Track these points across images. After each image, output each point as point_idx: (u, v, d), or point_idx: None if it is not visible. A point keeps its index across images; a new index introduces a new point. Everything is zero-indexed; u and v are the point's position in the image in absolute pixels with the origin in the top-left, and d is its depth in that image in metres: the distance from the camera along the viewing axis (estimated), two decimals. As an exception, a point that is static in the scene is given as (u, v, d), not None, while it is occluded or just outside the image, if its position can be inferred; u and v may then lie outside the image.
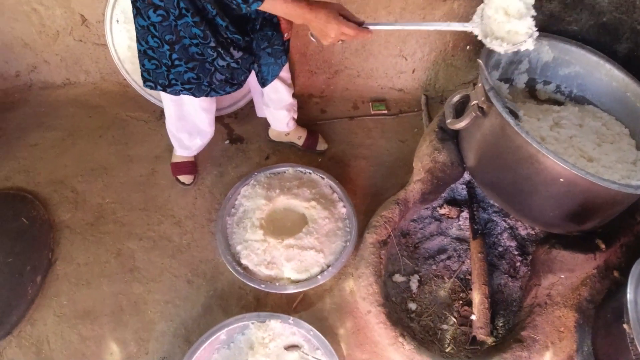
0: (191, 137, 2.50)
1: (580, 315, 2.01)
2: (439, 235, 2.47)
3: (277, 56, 2.14)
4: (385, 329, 2.04)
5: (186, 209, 2.61)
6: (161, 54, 1.90)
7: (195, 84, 2.02)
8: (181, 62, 1.92)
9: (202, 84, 2.03)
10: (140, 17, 1.79)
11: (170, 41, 1.84)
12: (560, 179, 1.74)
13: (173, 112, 2.31)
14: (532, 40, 1.63)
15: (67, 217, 2.56)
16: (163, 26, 1.79)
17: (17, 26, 2.90)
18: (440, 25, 1.78)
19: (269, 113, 2.65)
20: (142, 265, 2.40)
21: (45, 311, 2.26)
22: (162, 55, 1.90)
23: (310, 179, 2.59)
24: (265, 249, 2.30)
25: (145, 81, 2.03)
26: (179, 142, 2.54)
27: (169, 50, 1.87)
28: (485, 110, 1.90)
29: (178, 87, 2.02)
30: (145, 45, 1.89)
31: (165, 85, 2.02)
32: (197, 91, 2.06)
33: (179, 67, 1.94)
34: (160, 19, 1.77)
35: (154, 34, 1.83)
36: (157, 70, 1.97)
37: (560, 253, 2.02)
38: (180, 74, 1.97)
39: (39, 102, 3.13)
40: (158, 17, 1.76)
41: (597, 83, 2.25)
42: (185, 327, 2.22)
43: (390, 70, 3.03)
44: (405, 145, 2.92)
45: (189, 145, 2.55)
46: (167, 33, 1.81)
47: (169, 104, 2.27)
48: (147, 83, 2.04)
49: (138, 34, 1.86)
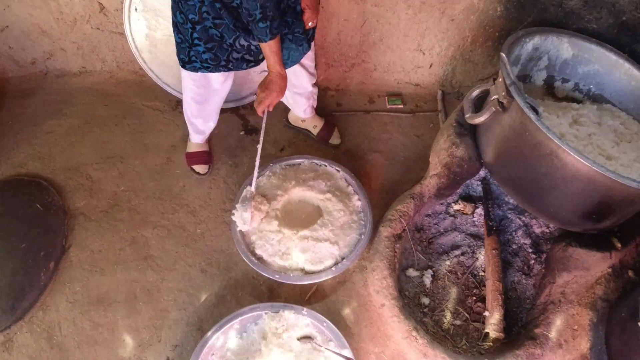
0: (205, 121, 2.52)
1: (595, 314, 2.00)
2: (453, 231, 2.46)
3: (298, 43, 2.16)
4: (398, 322, 2.04)
5: (201, 198, 2.61)
6: (185, 30, 1.98)
7: (213, 65, 2.10)
8: (200, 42, 2.00)
9: (220, 64, 2.10)
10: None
11: (192, 20, 1.92)
12: (579, 176, 1.73)
13: (196, 95, 2.33)
14: None
15: (81, 204, 2.57)
16: (188, 5, 1.87)
17: (35, 13, 2.91)
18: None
19: (289, 96, 2.65)
20: (156, 254, 2.41)
21: (57, 297, 2.27)
22: (185, 31, 1.99)
23: (325, 171, 2.59)
24: (280, 240, 2.30)
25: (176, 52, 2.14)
26: (194, 127, 2.56)
27: (191, 29, 1.95)
28: (505, 105, 1.89)
29: (197, 64, 2.10)
30: (174, 19, 1.99)
31: (185, 61, 2.10)
32: (215, 69, 2.13)
33: (198, 47, 2.02)
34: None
35: (181, 10, 1.92)
36: (181, 45, 2.06)
37: (577, 251, 2.01)
38: (199, 53, 2.05)
39: (55, 90, 3.14)
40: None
41: (615, 82, 2.24)
42: (198, 316, 2.23)
43: (408, 64, 3.02)
44: (420, 140, 2.91)
45: (203, 129, 2.57)
46: (191, 12, 1.89)
47: (191, 87, 2.29)
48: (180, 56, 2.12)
49: (172, 6, 1.97)
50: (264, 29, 1.81)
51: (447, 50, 2.89)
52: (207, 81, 2.25)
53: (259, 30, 1.81)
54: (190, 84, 2.26)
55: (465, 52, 2.88)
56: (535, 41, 2.19)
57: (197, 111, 2.44)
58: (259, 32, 1.83)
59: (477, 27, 2.71)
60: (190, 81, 2.25)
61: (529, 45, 2.18)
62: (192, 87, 2.28)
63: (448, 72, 3.03)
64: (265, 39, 1.86)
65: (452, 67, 2.98)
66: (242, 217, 2.24)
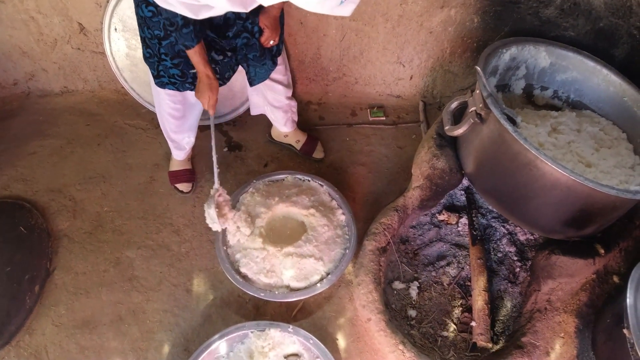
0: (187, 136, 2.52)
1: (581, 321, 2.01)
2: (439, 242, 2.46)
3: (259, 61, 2.20)
4: (385, 336, 2.03)
5: (185, 217, 2.60)
6: (152, 45, 2.01)
7: (180, 81, 2.12)
8: (167, 57, 2.03)
9: (187, 80, 2.12)
10: (139, 8, 1.90)
11: (158, 36, 1.95)
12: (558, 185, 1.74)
13: (173, 110, 2.33)
14: None
15: (65, 226, 2.55)
16: (153, 22, 1.90)
17: (15, 34, 2.90)
18: None
19: (269, 110, 2.67)
20: (141, 274, 2.40)
21: (43, 321, 2.25)
22: (153, 46, 2.01)
23: (309, 186, 2.59)
24: (264, 257, 2.30)
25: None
26: (175, 144, 2.55)
27: (158, 44, 1.98)
28: (483, 116, 1.91)
29: (165, 79, 2.12)
30: (142, 34, 2.01)
31: (154, 75, 2.13)
32: (181, 86, 2.15)
33: (165, 62, 2.05)
34: (151, 14, 1.88)
35: (148, 26, 1.94)
36: (150, 59, 2.08)
37: (560, 258, 2.02)
38: (167, 67, 2.07)
39: (37, 110, 3.13)
40: (149, 12, 1.87)
41: (594, 88, 2.26)
42: (184, 337, 2.21)
43: (388, 77, 3.03)
44: (403, 151, 2.92)
45: (184, 145, 2.57)
46: (156, 29, 1.92)
47: (167, 102, 2.28)
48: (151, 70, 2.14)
49: (139, 22, 1.98)
50: (189, 34, 1.81)
51: (427, 62, 2.91)
52: (183, 96, 2.26)
53: (184, 36, 1.81)
54: (167, 99, 2.26)
55: (444, 64, 2.89)
56: (513, 51, 2.21)
57: (176, 127, 2.44)
58: (184, 39, 1.83)
59: (455, 38, 2.73)
60: (166, 96, 2.25)
61: (506, 56, 2.20)
62: (168, 103, 2.28)
63: (428, 84, 3.04)
64: (192, 44, 1.86)
65: (433, 78, 3.00)
66: (209, 216, 2.22)
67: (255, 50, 2.14)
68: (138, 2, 1.89)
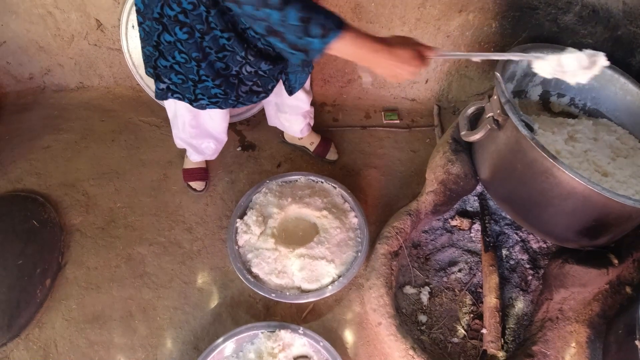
0: (205, 142, 2.47)
1: (592, 331, 1.99)
2: (451, 247, 2.45)
3: (306, 64, 2.11)
4: (395, 341, 2.02)
5: (197, 215, 2.61)
6: (188, 70, 1.86)
7: (223, 99, 1.98)
8: (208, 78, 1.88)
9: (229, 98, 1.99)
10: (167, 33, 1.75)
11: (197, 58, 1.79)
12: (575, 194, 1.73)
13: (187, 120, 2.27)
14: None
15: (78, 221, 2.56)
16: (189, 43, 1.75)
17: (32, 29, 2.92)
18: (512, 55, 1.73)
19: (285, 119, 2.63)
20: (152, 271, 2.40)
21: (53, 314, 2.26)
22: (188, 70, 1.86)
23: (322, 187, 2.59)
24: (276, 258, 2.30)
25: (172, 93, 1.98)
26: (194, 148, 2.50)
27: (196, 66, 1.83)
28: (500, 123, 1.90)
29: (204, 101, 1.98)
30: (172, 61, 1.84)
31: (192, 99, 1.98)
32: (224, 104, 2.02)
33: (206, 82, 1.90)
34: (187, 36, 1.73)
35: (181, 50, 1.79)
36: (183, 85, 1.93)
37: (573, 268, 2.01)
38: (207, 88, 1.93)
39: (52, 105, 3.15)
40: (184, 34, 1.72)
41: (611, 96, 2.24)
42: (194, 335, 2.22)
43: (403, 80, 3.02)
44: (417, 155, 2.91)
45: (203, 149, 2.51)
46: (194, 50, 1.77)
47: (183, 112, 2.23)
48: (175, 95, 1.98)
49: (164, 49, 1.81)
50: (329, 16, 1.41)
51: (443, 66, 2.90)
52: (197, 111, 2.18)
53: (317, 43, 1.42)
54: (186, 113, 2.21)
55: (460, 68, 2.88)
56: (531, 58, 2.20)
57: (195, 133, 2.38)
58: (318, 45, 1.42)
59: (473, 43, 2.72)
60: (186, 111, 2.20)
61: (524, 62, 2.19)
62: (186, 114, 2.23)
63: (444, 87, 3.04)
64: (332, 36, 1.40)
65: (448, 82, 2.99)
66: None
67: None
68: (168, 26, 1.73)
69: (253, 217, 2.41)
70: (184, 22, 1.68)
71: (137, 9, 1.78)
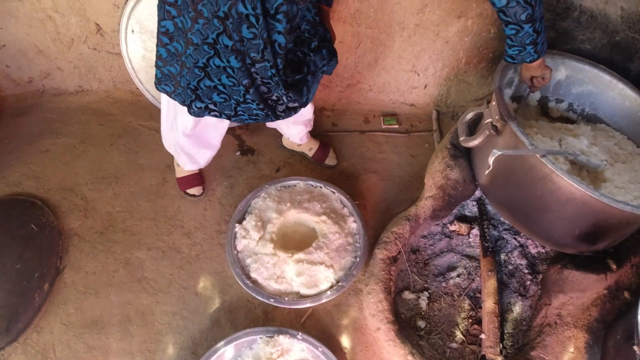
0: (201, 151, 2.46)
1: (591, 336, 1.99)
2: (449, 252, 2.45)
3: (318, 77, 2.13)
4: (394, 346, 2.03)
5: (196, 219, 2.61)
6: (234, 92, 1.91)
7: (263, 116, 2.04)
8: (254, 102, 1.94)
9: (270, 117, 2.06)
10: (218, 58, 1.80)
11: (246, 85, 1.85)
12: (573, 200, 1.73)
13: (189, 130, 2.25)
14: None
15: (76, 225, 2.56)
16: (241, 71, 1.81)
17: (32, 32, 2.91)
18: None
19: (285, 127, 2.64)
20: (151, 276, 2.40)
21: (52, 319, 2.25)
22: (234, 92, 1.92)
23: (320, 192, 2.59)
24: (275, 263, 2.29)
25: (210, 111, 2.01)
26: (189, 157, 2.48)
27: (244, 91, 1.89)
28: (499, 128, 1.90)
29: (244, 116, 2.04)
30: (218, 82, 1.89)
31: (231, 115, 2.02)
32: (264, 120, 2.09)
33: (250, 104, 1.96)
34: (240, 64, 1.79)
35: (230, 75, 1.85)
36: (224, 104, 1.98)
37: (572, 273, 2.01)
38: (250, 109, 1.99)
39: (51, 109, 3.14)
40: (238, 62, 1.78)
41: (609, 102, 2.25)
42: (192, 340, 2.21)
43: (403, 85, 3.03)
44: (416, 160, 2.91)
45: (199, 159, 2.51)
46: (244, 78, 1.83)
47: (186, 121, 2.20)
48: (213, 113, 2.02)
49: (212, 72, 1.85)
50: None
51: (442, 71, 2.91)
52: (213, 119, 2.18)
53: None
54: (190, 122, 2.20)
55: (459, 73, 2.89)
56: (529, 63, 2.20)
57: (194, 143, 2.38)
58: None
59: (471, 48, 2.73)
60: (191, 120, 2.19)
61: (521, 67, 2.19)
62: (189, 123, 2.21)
63: (443, 93, 3.04)
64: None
65: (447, 87, 3.00)
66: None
67: (317, 66, 2.07)
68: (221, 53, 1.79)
69: (252, 222, 2.41)
70: (239, 49, 1.75)
71: (163, 31, 1.82)
